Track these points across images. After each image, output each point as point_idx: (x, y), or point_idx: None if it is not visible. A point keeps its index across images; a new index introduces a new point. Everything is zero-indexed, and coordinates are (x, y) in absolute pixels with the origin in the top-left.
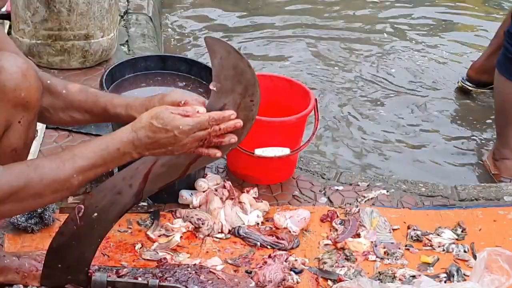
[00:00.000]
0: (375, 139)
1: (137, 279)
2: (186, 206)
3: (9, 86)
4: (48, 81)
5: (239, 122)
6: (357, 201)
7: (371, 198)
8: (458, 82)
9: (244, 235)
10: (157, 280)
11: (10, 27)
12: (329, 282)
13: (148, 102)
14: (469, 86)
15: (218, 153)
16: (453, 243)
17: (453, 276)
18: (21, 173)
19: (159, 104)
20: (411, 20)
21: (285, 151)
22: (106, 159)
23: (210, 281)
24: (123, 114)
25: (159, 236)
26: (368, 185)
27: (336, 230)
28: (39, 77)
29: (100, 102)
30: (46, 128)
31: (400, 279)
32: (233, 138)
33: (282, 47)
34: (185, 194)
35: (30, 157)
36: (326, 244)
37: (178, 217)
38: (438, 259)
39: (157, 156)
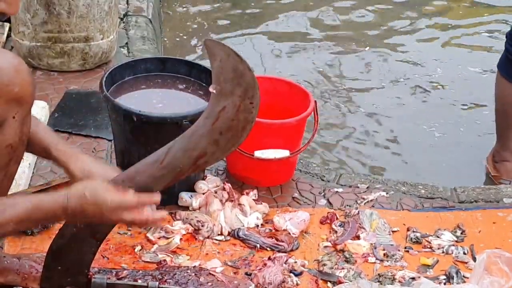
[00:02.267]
0: (375, 141)
1: (136, 281)
2: (186, 208)
3: (1, 81)
4: None
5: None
6: (357, 203)
7: (371, 200)
8: None
9: (244, 237)
10: (157, 282)
11: (10, 29)
12: (329, 284)
13: (88, 173)
14: None
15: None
16: (453, 245)
17: (453, 278)
18: None
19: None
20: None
21: (285, 153)
22: (37, 217)
23: (209, 283)
24: (62, 160)
25: (158, 238)
26: (367, 187)
27: (336, 232)
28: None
29: (41, 138)
30: None
31: (399, 281)
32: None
33: (280, 48)
34: (184, 196)
35: (30, 159)
36: (325, 246)
37: (178, 219)
38: (437, 261)
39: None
